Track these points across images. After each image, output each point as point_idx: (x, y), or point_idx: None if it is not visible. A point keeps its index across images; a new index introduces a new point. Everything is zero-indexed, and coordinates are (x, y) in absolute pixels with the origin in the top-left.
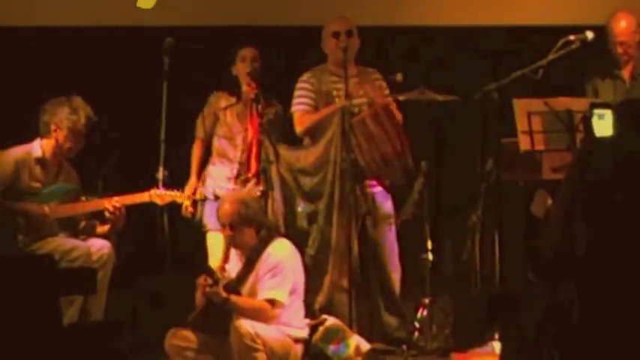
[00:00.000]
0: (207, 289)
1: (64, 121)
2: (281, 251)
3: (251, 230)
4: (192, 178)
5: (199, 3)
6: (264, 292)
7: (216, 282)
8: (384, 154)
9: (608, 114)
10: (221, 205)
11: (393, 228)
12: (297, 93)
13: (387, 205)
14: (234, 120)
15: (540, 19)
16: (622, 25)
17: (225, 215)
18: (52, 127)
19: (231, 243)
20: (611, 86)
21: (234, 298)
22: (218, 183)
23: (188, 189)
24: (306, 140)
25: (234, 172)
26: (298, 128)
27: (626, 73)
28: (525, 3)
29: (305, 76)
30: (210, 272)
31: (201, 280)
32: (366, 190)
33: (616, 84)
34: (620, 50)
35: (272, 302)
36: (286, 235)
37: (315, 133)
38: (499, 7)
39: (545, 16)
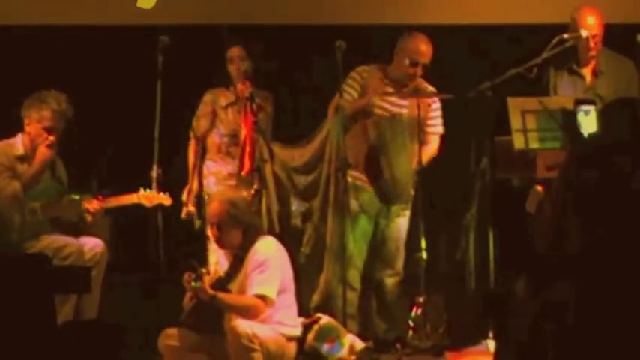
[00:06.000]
0: (193, 284)
1: (33, 114)
2: (268, 248)
3: (238, 231)
4: (193, 182)
5: (197, 2)
6: (253, 288)
7: (199, 277)
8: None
9: (592, 110)
10: (209, 204)
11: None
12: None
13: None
14: (235, 117)
15: (535, 17)
16: (591, 19)
17: (214, 215)
18: (26, 121)
19: (217, 243)
20: (571, 83)
21: (221, 295)
22: (219, 180)
23: (189, 194)
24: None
25: (237, 168)
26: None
27: (587, 70)
28: (521, 1)
29: (360, 69)
30: (193, 268)
31: (185, 277)
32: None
33: (575, 80)
34: (591, 44)
35: (261, 298)
36: (278, 235)
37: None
38: (495, 6)
39: (540, 15)
